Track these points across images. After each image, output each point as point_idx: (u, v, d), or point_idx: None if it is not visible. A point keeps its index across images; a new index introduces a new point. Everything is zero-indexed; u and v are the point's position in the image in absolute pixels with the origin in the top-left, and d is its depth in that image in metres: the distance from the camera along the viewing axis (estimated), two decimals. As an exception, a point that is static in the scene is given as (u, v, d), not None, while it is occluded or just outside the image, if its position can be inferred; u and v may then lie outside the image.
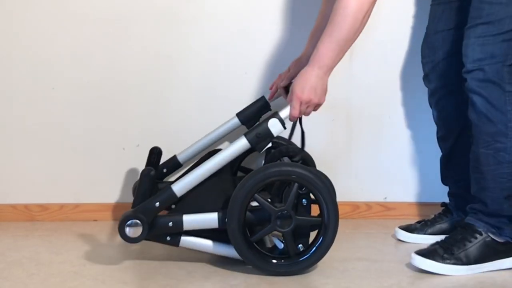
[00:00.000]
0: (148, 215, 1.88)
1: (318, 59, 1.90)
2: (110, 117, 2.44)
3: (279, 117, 1.91)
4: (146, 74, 2.42)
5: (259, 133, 1.91)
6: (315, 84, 1.90)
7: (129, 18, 2.41)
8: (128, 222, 1.87)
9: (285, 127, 1.92)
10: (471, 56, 1.89)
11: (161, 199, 1.89)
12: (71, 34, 2.41)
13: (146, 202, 1.89)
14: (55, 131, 2.43)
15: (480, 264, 1.91)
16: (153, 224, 1.89)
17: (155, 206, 1.89)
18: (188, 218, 1.90)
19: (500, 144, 1.89)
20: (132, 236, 1.87)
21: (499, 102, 1.89)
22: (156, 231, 1.90)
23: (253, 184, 1.86)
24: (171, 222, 1.90)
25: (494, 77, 1.88)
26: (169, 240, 1.92)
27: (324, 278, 1.88)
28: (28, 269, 1.94)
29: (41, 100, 2.42)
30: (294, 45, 2.41)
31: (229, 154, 1.92)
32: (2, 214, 2.44)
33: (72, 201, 2.46)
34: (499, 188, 1.91)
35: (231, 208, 1.86)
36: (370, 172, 2.50)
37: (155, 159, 2.25)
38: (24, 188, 2.45)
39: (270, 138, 1.92)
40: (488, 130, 1.90)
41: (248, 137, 1.92)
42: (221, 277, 1.87)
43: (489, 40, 1.88)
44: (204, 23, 2.42)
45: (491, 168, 1.90)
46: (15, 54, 2.41)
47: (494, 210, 1.92)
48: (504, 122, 1.89)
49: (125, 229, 1.87)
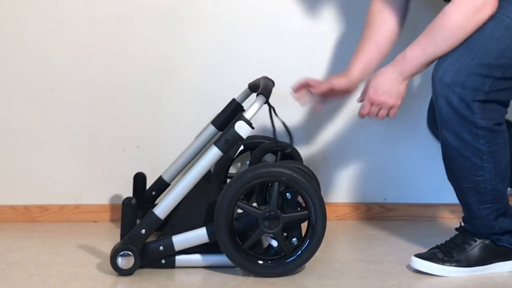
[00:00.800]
0: (137, 244, 1.88)
1: (403, 64, 1.85)
2: (110, 118, 2.44)
3: (245, 118, 1.89)
4: (147, 75, 2.42)
5: (228, 139, 1.89)
6: (391, 88, 1.86)
7: (129, 19, 2.41)
8: (119, 254, 1.87)
9: (252, 127, 1.91)
10: (443, 77, 1.80)
11: (146, 225, 1.88)
12: (71, 35, 2.40)
13: (133, 232, 1.88)
14: (55, 132, 2.43)
15: (481, 266, 1.90)
16: (144, 251, 1.89)
17: (142, 234, 1.88)
18: (177, 238, 1.90)
19: (478, 177, 1.84)
20: (125, 268, 1.87)
21: (471, 137, 1.81)
22: (149, 257, 1.90)
23: (234, 192, 1.86)
24: (162, 246, 1.90)
25: (464, 111, 1.78)
26: (164, 263, 1.92)
27: (324, 279, 1.88)
28: (28, 270, 1.94)
29: (41, 101, 2.42)
30: (295, 46, 2.41)
31: (202, 166, 1.90)
32: (2, 215, 2.44)
33: (72, 202, 2.46)
34: (486, 214, 1.88)
35: (217, 220, 1.86)
36: (369, 173, 2.50)
37: (140, 185, 2.25)
38: (24, 189, 2.44)
39: (240, 142, 1.90)
40: (464, 166, 1.84)
41: (218, 145, 1.90)
42: (221, 278, 1.87)
43: (466, 68, 1.78)
44: (204, 23, 2.42)
45: (475, 199, 1.87)
46: (15, 55, 2.41)
47: (487, 233, 1.91)
48: (479, 155, 1.83)
49: (117, 262, 1.87)
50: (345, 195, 2.51)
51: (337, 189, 2.50)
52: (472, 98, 1.77)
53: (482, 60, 1.78)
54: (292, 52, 2.42)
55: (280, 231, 1.88)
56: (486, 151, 1.82)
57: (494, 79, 1.78)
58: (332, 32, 2.43)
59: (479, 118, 1.79)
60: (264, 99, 1.95)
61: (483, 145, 1.81)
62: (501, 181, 1.86)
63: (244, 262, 1.88)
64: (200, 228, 1.90)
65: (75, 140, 2.44)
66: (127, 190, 2.39)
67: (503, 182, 1.87)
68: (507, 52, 1.78)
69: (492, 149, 1.82)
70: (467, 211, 1.89)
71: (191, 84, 2.44)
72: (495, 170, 1.84)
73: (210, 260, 1.94)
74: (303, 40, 2.41)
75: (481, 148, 1.81)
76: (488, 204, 1.86)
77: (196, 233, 1.90)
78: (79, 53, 2.41)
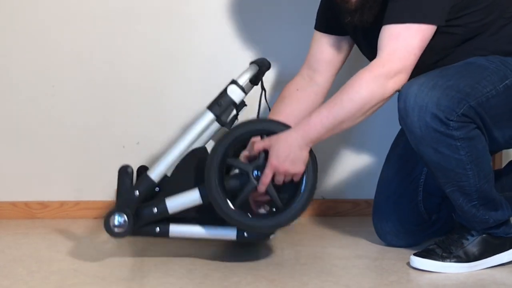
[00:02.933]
0: (130, 205, 1.88)
1: (307, 129, 1.79)
2: (110, 115, 2.44)
3: (237, 82, 1.92)
4: (147, 72, 2.42)
5: (221, 102, 1.91)
6: (294, 155, 1.78)
7: (129, 16, 2.41)
8: (112, 216, 1.87)
9: (245, 92, 1.93)
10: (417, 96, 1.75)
11: (140, 187, 1.89)
12: (71, 32, 2.40)
13: (126, 194, 1.89)
14: (55, 128, 2.43)
15: (481, 261, 1.90)
16: (138, 215, 1.89)
17: (136, 196, 1.88)
18: (170, 200, 1.89)
19: (463, 183, 1.82)
20: (118, 231, 1.87)
21: (450, 150, 1.77)
22: (143, 221, 1.89)
23: (224, 148, 1.84)
24: (155, 208, 1.89)
25: (438, 126, 1.75)
26: (158, 231, 1.91)
27: (324, 275, 1.88)
28: (28, 266, 1.94)
29: (41, 98, 2.42)
30: (296, 45, 2.41)
31: (195, 130, 1.92)
32: (2, 212, 2.44)
33: (72, 198, 2.46)
34: (477, 211, 1.86)
35: (208, 176, 1.83)
36: (369, 169, 2.50)
37: None
38: (24, 186, 2.45)
39: (232, 106, 1.92)
40: (448, 175, 1.82)
41: (211, 108, 1.92)
42: (221, 274, 1.87)
43: (441, 87, 1.75)
44: (205, 22, 2.42)
45: (462, 199, 1.85)
46: (15, 52, 2.41)
47: (482, 228, 1.90)
48: (462, 166, 1.80)
49: (110, 224, 1.87)
50: (345, 192, 2.51)
51: (337, 185, 2.50)
52: (446, 116, 1.73)
53: (458, 83, 1.76)
54: (293, 51, 2.42)
55: (271, 184, 1.84)
56: (468, 160, 1.79)
57: (469, 106, 1.75)
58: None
59: (455, 130, 1.75)
60: (256, 68, 1.99)
61: (464, 156, 1.78)
62: (486, 182, 1.84)
63: (236, 216, 1.84)
64: (192, 189, 1.89)
65: (75, 137, 2.44)
66: (127, 186, 2.39)
67: (488, 182, 1.85)
68: (480, 87, 1.77)
69: (473, 157, 1.79)
70: (459, 210, 1.89)
71: (192, 81, 2.44)
72: (478, 175, 1.82)
73: (204, 232, 1.92)
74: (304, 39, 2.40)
75: (463, 159, 1.78)
76: (474, 202, 1.85)
77: (189, 194, 1.89)
78: (79, 50, 2.41)
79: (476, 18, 1.85)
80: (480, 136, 1.81)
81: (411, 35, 1.77)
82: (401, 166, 2.11)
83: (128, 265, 1.96)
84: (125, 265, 1.95)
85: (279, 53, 2.42)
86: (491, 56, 1.86)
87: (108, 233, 1.87)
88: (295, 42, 2.42)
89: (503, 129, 1.86)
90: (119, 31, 2.41)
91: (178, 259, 1.98)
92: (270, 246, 2.12)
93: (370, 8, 1.85)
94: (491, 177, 1.87)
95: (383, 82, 1.77)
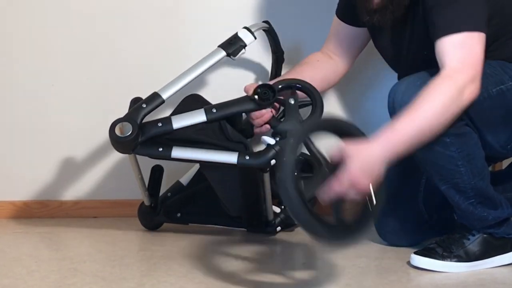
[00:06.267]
0: (136, 115, 1.92)
1: (393, 143, 1.66)
2: (110, 114, 2.42)
3: (248, 28, 2.05)
4: (147, 71, 2.42)
5: (232, 40, 2.06)
6: (372, 168, 1.62)
7: (129, 15, 2.41)
8: (118, 123, 1.90)
9: (255, 37, 2.07)
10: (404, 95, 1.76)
11: (148, 101, 1.96)
12: (71, 31, 2.41)
13: (134, 107, 1.95)
14: (55, 127, 2.43)
15: (481, 261, 1.90)
16: (143, 128, 1.92)
17: (142, 107, 1.94)
18: (176, 116, 1.95)
19: (456, 180, 1.82)
20: (121, 135, 1.89)
21: (441, 147, 1.77)
22: (147, 133, 1.91)
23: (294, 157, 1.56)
24: (160, 122, 1.93)
25: None
26: (161, 151, 1.93)
27: (324, 275, 1.88)
28: (28, 265, 1.94)
29: (41, 97, 2.42)
30: (297, 43, 2.41)
31: (207, 64, 2.03)
32: (1, 211, 2.44)
33: (72, 198, 2.46)
34: (474, 208, 1.86)
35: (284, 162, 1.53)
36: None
37: (156, 177, 2.25)
38: (23, 185, 2.45)
39: (242, 45, 2.05)
40: (440, 172, 1.83)
41: (222, 45, 2.05)
42: (221, 274, 1.87)
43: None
44: (206, 21, 2.42)
45: (458, 197, 1.85)
46: (15, 51, 2.41)
47: (482, 226, 1.90)
48: (454, 162, 1.80)
49: (114, 130, 1.89)
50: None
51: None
52: None
53: None
54: (294, 50, 2.42)
55: None
56: (459, 157, 1.80)
57: None
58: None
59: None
60: (267, 25, 2.18)
61: (455, 152, 1.79)
62: (481, 179, 1.84)
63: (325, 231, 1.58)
64: (199, 110, 1.95)
65: (74, 136, 2.44)
66: (127, 186, 2.39)
67: (482, 179, 1.85)
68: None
69: (465, 154, 1.80)
70: (457, 208, 1.89)
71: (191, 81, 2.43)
72: (472, 172, 1.82)
73: (205, 156, 1.94)
74: (304, 38, 2.41)
75: (454, 155, 1.79)
76: (471, 200, 1.85)
77: (194, 113, 1.95)
78: (79, 49, 2.41)
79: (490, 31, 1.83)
80: (471, 133, 1.81)
81: (475, 43, 1.75)
82: (402, 165, 2.11)
83: (128, 265, 1.96)
84: (125, 265, 1.95)
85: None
86: (494, 61, 1.85)
87: (112, 140, 1.89)
88: (296, 42, 2.42)
89: (496, 134, 1.86)
90: (119, 30, 2.41)
91: (179, 259, 1.98)
92: (270, 246, 2.12)
93: (392, 12, 1.86)
94: (486, 174, 1.87)
95: (461, 89, 1.71)
